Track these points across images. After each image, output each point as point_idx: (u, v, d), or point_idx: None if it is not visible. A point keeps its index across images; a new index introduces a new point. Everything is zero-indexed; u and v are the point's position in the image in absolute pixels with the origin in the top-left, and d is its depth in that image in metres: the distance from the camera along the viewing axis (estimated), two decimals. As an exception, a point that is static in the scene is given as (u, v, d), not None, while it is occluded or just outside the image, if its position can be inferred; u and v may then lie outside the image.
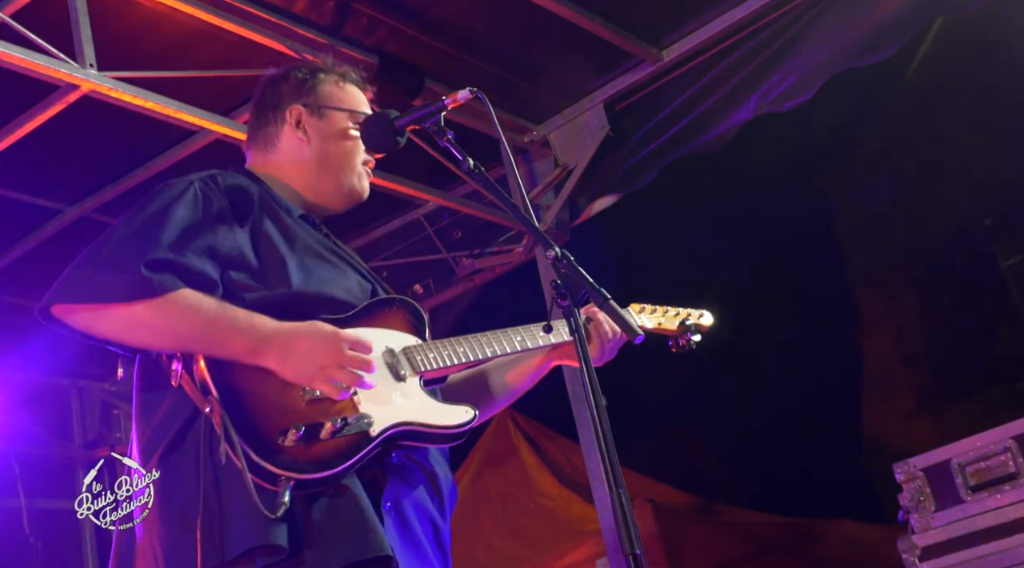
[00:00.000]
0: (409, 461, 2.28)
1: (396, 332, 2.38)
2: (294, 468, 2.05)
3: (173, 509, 2.12)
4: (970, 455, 4.17)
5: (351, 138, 2.60)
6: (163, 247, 2.20)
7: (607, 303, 2.25)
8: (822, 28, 5.08)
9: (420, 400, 2.30)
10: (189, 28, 4.50)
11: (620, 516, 2.06)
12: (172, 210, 2.27)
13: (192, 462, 2.13)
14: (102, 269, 2.17)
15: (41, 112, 4.35)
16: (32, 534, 6.14)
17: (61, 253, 5.60)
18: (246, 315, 2.19)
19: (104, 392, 6.99)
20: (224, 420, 2.07)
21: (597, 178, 5.82)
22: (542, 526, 6.99)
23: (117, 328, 2.18)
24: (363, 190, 2.64)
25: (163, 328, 2.16)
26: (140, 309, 2.14)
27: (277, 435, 2.08)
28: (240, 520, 2.05)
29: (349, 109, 2.62)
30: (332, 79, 2.65)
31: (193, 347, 2.16)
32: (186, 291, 2.17)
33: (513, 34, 5.17)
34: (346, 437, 2.12)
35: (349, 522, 2.09)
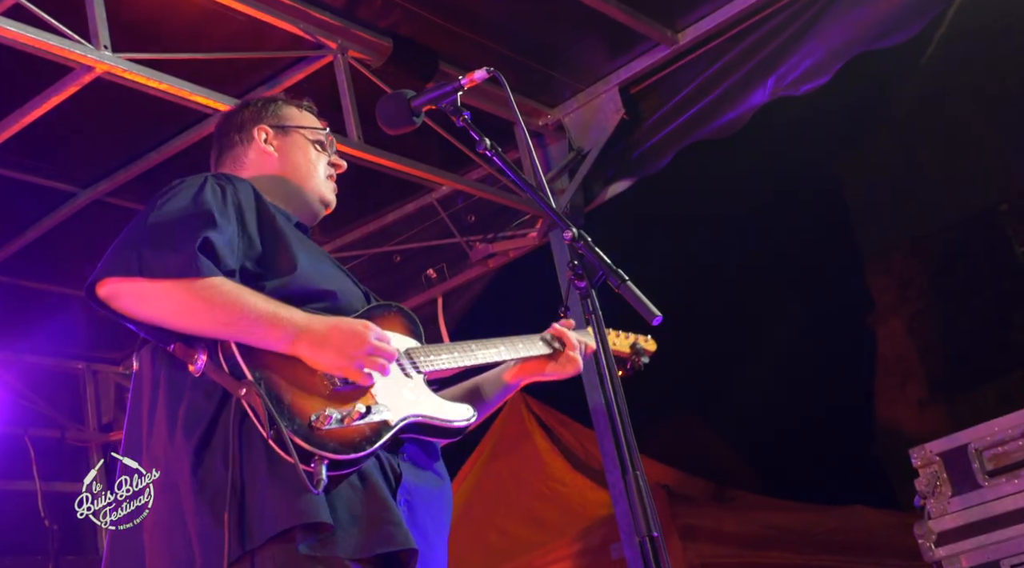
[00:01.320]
0: (419, 461, 2.39)
1: (396, 334, 2.49)
2: (327, 448, 2.14)
3: (205, 500, 2.15)
4: (987, 440, 4.14)
5: (315, 151, 2.75)
6: (206, 231, 2.28)
7: (624, 284, 2.26)
8: (839, 11, 5.04)
9: (427, 396, 2.43)
10: (203, 10, 4.48)
11: (637, 498, 2.06)
12: (204, 199, 2.36)
13: (222, 451, 2.17)
14: (151, 248, 2.24)
15: (55, 94, 4.34)
16: (47, 517, 6.17)
17: (75, 237, 5.70)
18: (282, 306, 2.27)
19: (118, 375, 7.01)
20: (264, 400, 2.14)
21: (612, 162, 5.79)
22: (555, 511, 7.00)
23: (160, 308, 2.23)
24: (331, 198, 2.76)
25: (203, 311, 2.21)
26: (184, 289, 2.20)
27: (309, 418, 2.16)
28: (276, 500, 2.11)
29: (311, 126, 2.78)
30: (291, 105, 2.81)
31: (229, 333, 2.23)
32: (224, 278, 2.25)
33: (528, 17, 5.14)
34: (370, 424, 2.22)
35: (378, 512, 2.17)
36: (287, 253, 2.41)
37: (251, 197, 2.48)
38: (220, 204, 2.37)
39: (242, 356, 2.21)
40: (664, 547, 2.08)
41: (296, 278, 2.38)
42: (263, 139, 2.72)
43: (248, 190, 2.50)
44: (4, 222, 5.68)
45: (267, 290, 2.32)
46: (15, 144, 4.73)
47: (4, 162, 5.10)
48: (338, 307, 2.41)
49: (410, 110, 2.57)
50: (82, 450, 6.81)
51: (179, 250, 2.22)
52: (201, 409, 2.22)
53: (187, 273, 2.20)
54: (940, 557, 4.20)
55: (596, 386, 5.51)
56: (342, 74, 4.86)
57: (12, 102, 4.54)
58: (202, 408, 2.22)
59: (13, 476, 6.35)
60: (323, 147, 2.78)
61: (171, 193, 2.40)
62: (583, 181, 5.79)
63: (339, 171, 2.79)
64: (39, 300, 6.25)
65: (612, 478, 5.50)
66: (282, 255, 2.41)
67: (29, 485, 6.25)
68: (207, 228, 2.29)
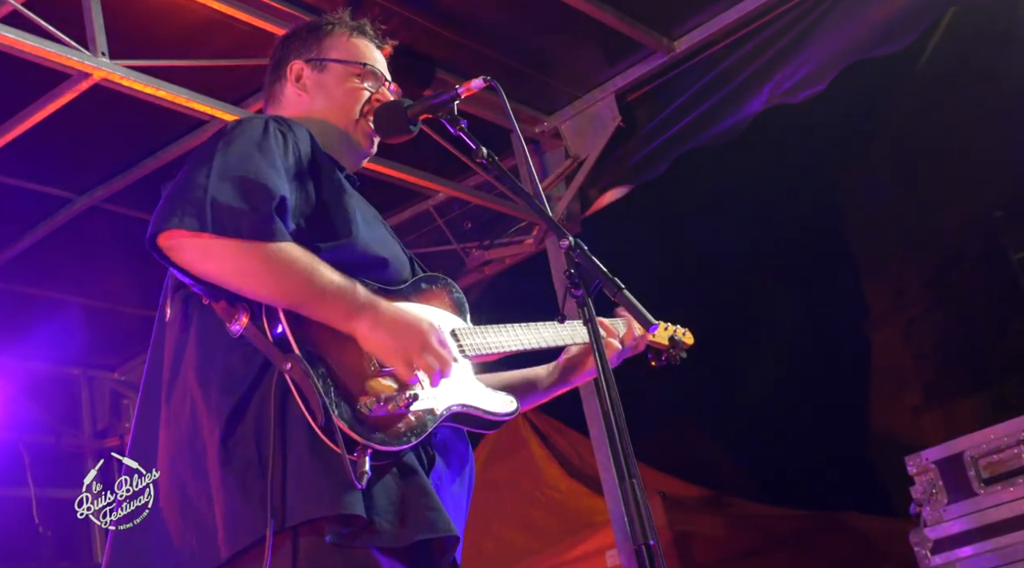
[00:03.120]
0: (451, 444, 2.30)
1: (442, 312, 2.39)
2: (373, 438, 2.03)
3: (233, 473, 2.03)
4: (983, 448, 4.15)
5: (349, 89, 2.55)
6: (281, 189, 2.13)
7: (621, 292, 2.24)
8: (835, 19, 5.06)
9: (472, 383, 2.34)
10: (200, 17, 4.49)
11: (634, 506, 2.05)
12: (273, 149, 2.20)
13: (260, 424, 2.05)
14: (223, 198, 2.07)
15: (53, 100, 4.34)
16: (41, 523, 6.16)
17: (71, 243, 5.69)
18: (347, 280, 2.14)
19: (114, 382, 7.00)
20: (313, 381, 2.01)
21: (608, 169, 5.81)
22: (551, 518, 6.99)
23: (224, 268, 2.07)
24: (363, 142, 2.56)
25: (269, 277, 2.07)
26: (253, 251, 2.05)
27: (356, 403, 2.06)
28: (314, 485, 2.00)
29: (348, 60, 2.57)
30: (340, 32, 2.61)
31: (291, 301, 2.09)
32: (293, 244, 2.10)
33: (524, 24, 5.16)
34: (415, 412, 2.14)
35: (417, 499, 2.08)
36: (344, 213, 2.28)
37: (308, 146, 2.32)
38: (284, 155, 2.22)
39: (291, 327, 2.07)
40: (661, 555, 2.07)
41: (353, 243, 2.25)
42: (296, 78, 2.56)
43: (306, 138, 2.34)
44: (1, 228, 5.68)
45: (322, 254, 2.16)
46: (12, 150, 4.73)
47: (1, 168, 5.10)
48: (389, 278, 2.30)
49: (407, 118, 2.54)
50: (77, 456, 6.80)
51: (254, 208, 2.06)
52: (238, 374, 2.09)
53: (261, 236, 2.05)
54: (936, 564, 4.21)
55: (592, 393, 5.51)
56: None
57: (10, 108, 4.55)
58: (239, 373, 2.09)
59: (8, 482, 6.34)
60: (368, 79, 2.57)
61: (235, 136, 2.21)
62: (579, 188, 5.81)
63: (384, 101, 2.55)
64: (35, 306, 6.25)
65: (608, 485, 5.50)
66: (339, 215, 2.27)
67: (24, 491, 6.24)
68: (281, 184, 2.13)
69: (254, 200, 2.08)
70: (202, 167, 2.14)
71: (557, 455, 7.33)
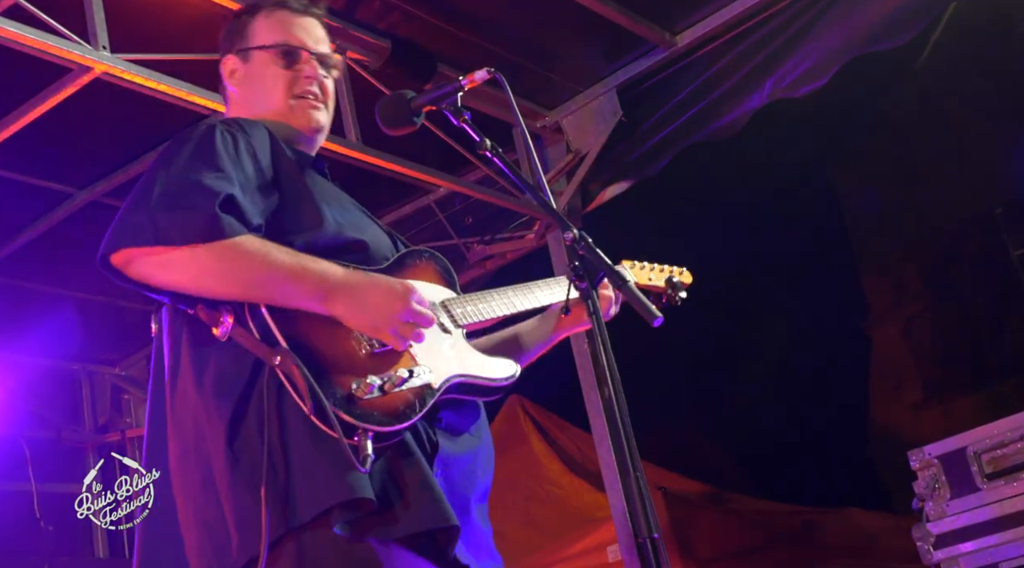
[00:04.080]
0: (457, 424, 2.25)
1: (431, 284, 2.36)
2: (371, 420, 2.01)
3: (241, 475, 2.03)
4: (986, 443, 4.15)
5: (273, 76, 2.45)
6: (226, 187, 2.10)
7: (625, 285, 2.21)
8: (837, 13, 5.05)
9: (469, 352, 2.30)
10: (201, 11, 4.48)
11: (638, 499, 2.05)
12: (216, 151, 2.17)
13: (257, 421, 2.04)
14: (166, 211, 2.06)
15: (54, 94, 4.33)
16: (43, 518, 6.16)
17: (71, 238, 5.68)
18: (314, 261, 2.12)
19: (114, 377, 7.00)
20: (303, 370, 1.99)
21: (609, 164, 5.80)
22: (552, 514, 6.99)
23: (182, 275, 2.07)
24: (307, 122, 2.46)
25: (228, 274, 2.06)
26: (206, 252, 2.04)
27: (350, 386, 2.03)
28: (320, 476, 1.98)
29: (265, 45, 2.47)
30: (261, 13, 2.51)
31: (257, 294, 2.08)
32: (250, 236, 2.09)
33: (526, 19, 5.15)
34: (412, 389, 2.10)
35: (417, 488, 2.06)
36: (311, 203, 2.25)
37: (266, 142, 2.30)
38: (233, 154, 2.19)
39: (274, 320, 2.06)
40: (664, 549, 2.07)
41: (325, 230, 2.23)
42: (229, 74, 2.50)
43: (263, 134, 2.31)
44: (1, 222, 5.67)
45: (295, 246, 2.15)
46: (12, 145, 4.72)
47: (1, 162, 5.09)
48: (369, 257, 2.27)
49: (411, 110, 2.51)
50: (78, 451, 6.80)
51: (198, 210, 2.05)
52: (232, 377, 2.08)
53: (210, 236, 2.03)
54: (939, 560, 4.20)
55: (594, 387, 5.51)
56: (340, 75, 4.85)
57: (10, 102, 4.54)
58: (233, 376, 2.08)
59: (9, 477, 6.34)
60: (288, 59, 2.46)
61: (179, 146, 2.19)
62: (581, 183, 5.80)
63: (307, 81, 2.44)
64: (36, 301, 6.24)
65: (609, 480, 5.50)
66: (306, 206, 2.25)
67: (25, 486, 6.24)
68: (226, 183, 2.10)
69: (197, 204, 2.06)
70: (147, 185, 2.13)
71: (558, 451, 7.33)
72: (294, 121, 2.46)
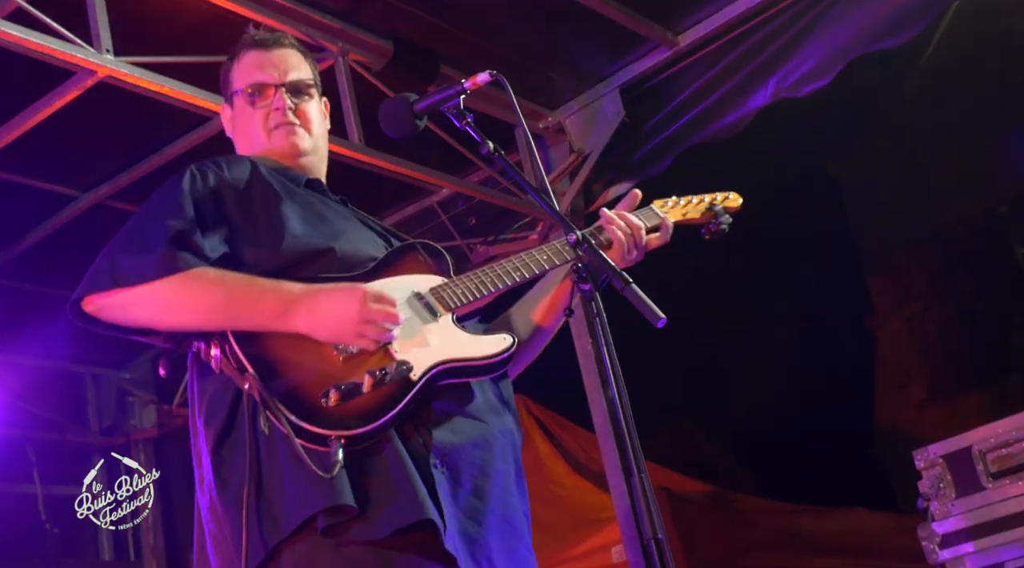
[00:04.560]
0: (455, 412, 2.25)
1: (421, 276, 2.39)
2: (341, 425, 2.06)
3: (230, 495, 2.13)
4: (991, 442, 4.14)
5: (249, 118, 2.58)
6: (178, 226, 2.22)
7: (629, 287, 2.19)
8: (840, 12, 5.05)
9: (456, 336, 2.30)
10: (205, 13, 4.49)
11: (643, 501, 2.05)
12: (176, 193, 2.30)
13: (240, 446, 2.13)
14: (123, 254, 2.19)
15: (58, 98, 4.34)
16: (48, 520, 6.18)
17: (76, 240, 5.70)
18: (270, 282, 2.20)
19: (120, 379, 7.02)
20: (263, 391, 2.08)
21: (612, 164, 5.80)
22: (556, 514, 6.98)
23: (145, 312, 2.18)
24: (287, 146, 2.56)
25: (187, 304, 2.16)
26: (163, 287, 2.15)
27: (319, 398, 2.08)
28: (296, 490, 2.06)
29: (236, 90, 2.60)
30: (237, 57, 2.64)
31: (219, 321, 2.17)
32: (206, 267, 2.19)
33: (528, 19, 5.15)
34: (388, 387, 2.12)
35: (392, 484, 2.09)
36: (276, 223, 2.33)
37: (245, 172, 2.41)
38: (196, 193, 2.30)
39: (240, 346, 2.14)
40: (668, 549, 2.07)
41: (285, 246, 2.30)
42: (227, 121, 2.66)
43: (242, 166, 2.43)
44: (6, 225, 5.69)
45: (258, 267, 2.25)
46: (16, 147, 4.74)
47: (6, 166, 5.11)
48: (342, 261, 2.32)
49: (413, 113, 2.52)
50: (83, 453, 6.82)
51: (150, 250, 2.17)
52: (218, 404, 2.19)
53: (163, 272, 2.15)
54: (944, 559, 4.19)
55: (597, 387, 5.51)
56: (343, 77, 4.86)
57: (15, 106, 4.55)
58: (219, 403, 2.19)
59: (14, 479, 6.36)
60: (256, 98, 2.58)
61: (152, 196, 2.36)
62: (583, 183, 5.81)
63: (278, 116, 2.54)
64: (41, 303, 6.24)
65: (613, 481, 5.50)
66: (272, 226, 2.33)
67: (30, 488, 6.26)
68: (176, 221, 2.22)
69: (150, 244, 2.19)
70: (124, 229, 2.29)
71: (562, 451, 7.32)
72: (277, 150, 2.56)
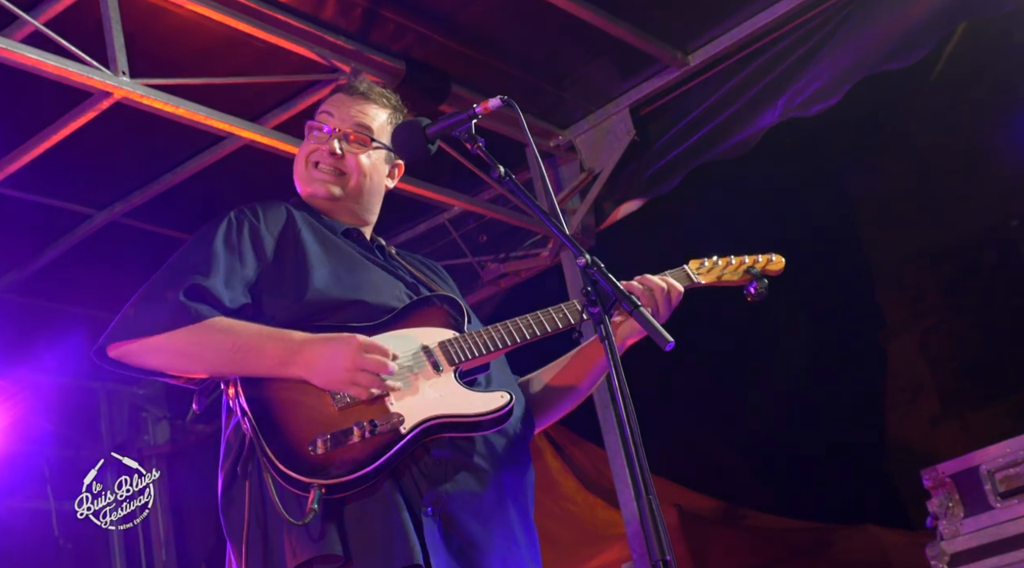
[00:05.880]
0: (454, 460, 2.29)
1: (433, 328, 2.44)
2: (322, 474, 2.13)
3: (234, 539, 2.25)
4: (999, 461, 4.14)
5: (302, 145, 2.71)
6: (199, 276, 2.34)
7: (637, 310, 2.23)
8: (848, 33, 5.06)
9: (453, 392, 2.34)
10: (219, 35, 4.53)
11: (651, 522, 2.06)
12: (209, 241, 2.42)
13: (241, 488, 2.27)
14: (146, 304, 2.33)
15: (74, 119, 4.40)
16: (61, 536, 6.21)
17: (90, 258, 5.74)
18: (276, 331, 2.31)
19: (133, 395, 7.05)
20: (256, 437, 2.19)
21: (623, 183, 5.82)
22: (567, 530, 6.98)
23: (161, 359, 2.31)
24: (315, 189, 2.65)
25: (196, 353, 2.29)
26: (177, 337, 2.28)
27: (307, 445, 2.17)
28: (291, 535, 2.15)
29: None
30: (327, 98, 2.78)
31: (229, 368, 2.30)
32: (220, 318, 2.31)
33: (539, 39, 5.18)
34: (377, 438, 2.19)
35: (380, 529, 2.15)
36: (304, 273, 2.41)
37: (279, 222, 2.51)
38: (228, 243, 2.42)
39: (244, 390, 2.26)
40: (677, 569, 2.08)
41: (310, 297, 2.38)
42: None
43: (276, 215, 2.53)
44: (22, 243, 5.74)
45: (281, 317, 2.35)
46: (33, 167, 4.80)
47: (23, 185, 5.16)
48: (366, 316, 2.39)
49: (425, 138, 2.56)
50: (97, 469, 6.85)
51: (167, 301, 2.30)
52: (232, 446, 2.32)
53: (178, 323, 2.27)
54: (953, 578, 4.20)
55: (608, 405, 5.52)
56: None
57: (32, 127, 4.61)
58: (232, 445, 2.32)
59: (28, 495, 6.39)
60: (309, 130, 2.72)
61: (187, 243, 2.47)
62: (594, 202, 5.82)
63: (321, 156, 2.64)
64: (55, 320, 6.30)
65: (624, 498, 5.51)
66: (297, 278, 2.41)
67: (44, 504, 6.29)
68: (196, 274, 2.33)
69: (167, 295, 2.32)
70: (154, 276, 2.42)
71: (573, 467, 7.32)
72: (309, 188, 2.66)
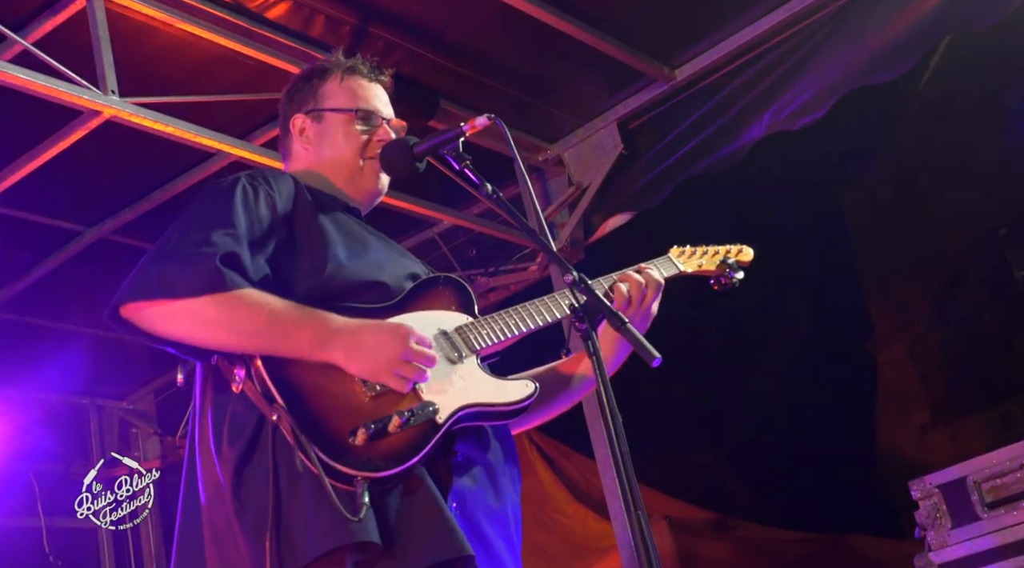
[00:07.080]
0: (472, 456, 2.27)
1: (446, 312, 2.39)
2: (368, 466, 2.05)
3: (247, 521, 2.10)
4: (986, 472, 4.17)
5: (346, 136, 2.61)
6: (229, 242, 2.20)
7: (624, 327, 2.22)
8: (834, 47, 5.10)
9: (480, 379, 2.30)
10: (209, 54, 4.56)
11: (639, 537, 2.08)
12: (230, 204, 2.28)
13: (262, 472, 2.11)
14: (174, 265, 2.17)
15: (64, 138, 4.41)
16: (52, 553, 6.18)
17: (80, 275, 5.75)
18: (311, 310, 2.19)
19: (122, 410, 7.04)
20: (294, 429, 2.07)
21: (611, 196, 5.85)
22: (558, 542, 6.99)
23: (182, 326, 2.16)
24: (373, 183, 2.62)
25: (228, 324, 2.14)
26: (206, 304, 2.13)
27: (347, 435, 2.08)
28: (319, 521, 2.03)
29: (342, 108, 2.63)
30: (333, 77, 2.67)
31: (257, 343, 2.15)
32: (251, 289, 2.17)
33: (527, 55, 5.22)
34: (414, 428, 2.12)
35: (429, 520, 2.09)
36: (323, 251, 2.33)
37: (290, 193, 2.41)
38: (248, 209, 2.29)
39: (270, 375, 2.13)
40: (666, 585, 2.10)
41: (333, 276, 2.29)
42: (299, 132, 2.64)
43: (287, 185, 2.42)
44: (11, 260, 5.74)
45: (301, 293, 2.24)
46: (23, 185, 4.81)
47: (11, 202, 5.17)
48: (381, 297, 2.32)
49: (413, 156, 2.58)
50: (87, 486, 6.84)
51: (201, 265, 2.14)
52: (242, 424, 2.16)
53: (211, 289, 2.12)
54: (942, 589, 4.22)
55: (598, 417, 5.54)
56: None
57: (22, 146, 4.62)
58: (243, 423, 2.16)
59: (18, 512, 6.37)
60: (367, 122, 2.63)
61: (202, 200, 2.33)
62: (583, 215, 5.86)
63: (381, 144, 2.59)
64: (44, 336, 6.30)
65: (614, 510, 5.52)
66: (318, 253, 2.32)
67: (34, 521, 6.27)
68: (230, 239, 2.20)
69: (200, 259, 2.15)
70: (164, 240, 2.26)
71: (564, 479, 7.33)
72: (366, 178, 2.60)
